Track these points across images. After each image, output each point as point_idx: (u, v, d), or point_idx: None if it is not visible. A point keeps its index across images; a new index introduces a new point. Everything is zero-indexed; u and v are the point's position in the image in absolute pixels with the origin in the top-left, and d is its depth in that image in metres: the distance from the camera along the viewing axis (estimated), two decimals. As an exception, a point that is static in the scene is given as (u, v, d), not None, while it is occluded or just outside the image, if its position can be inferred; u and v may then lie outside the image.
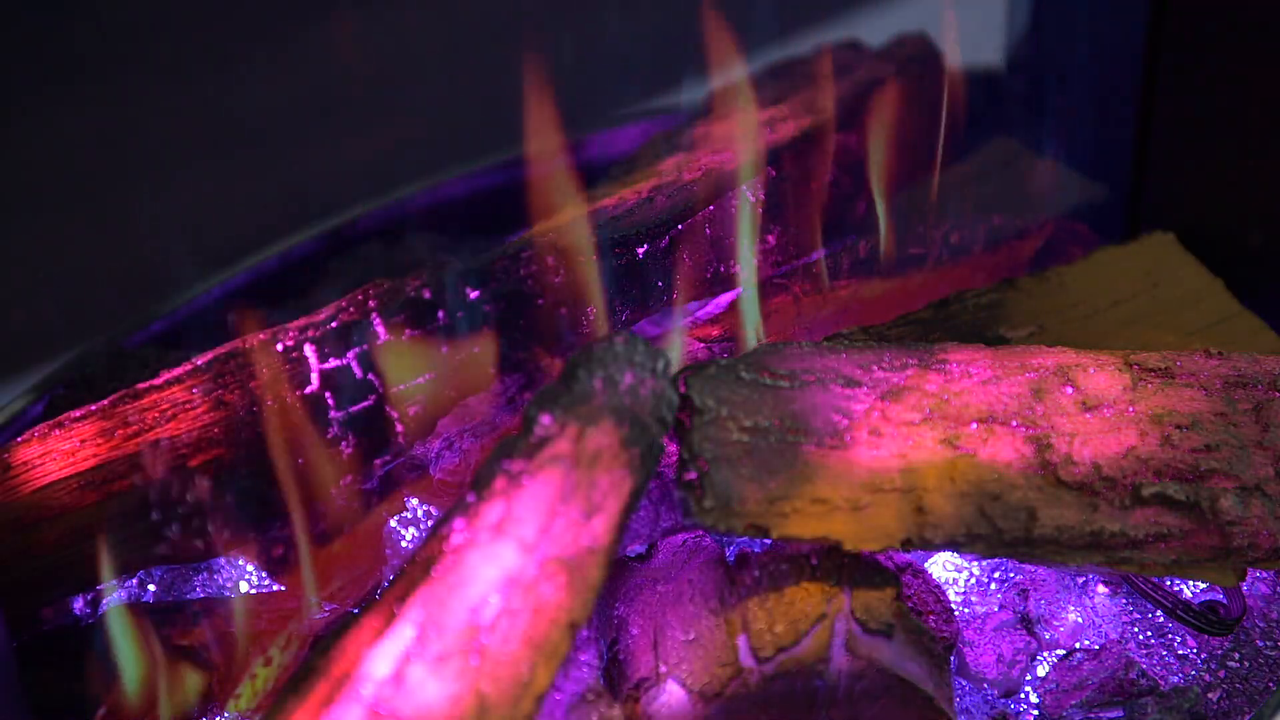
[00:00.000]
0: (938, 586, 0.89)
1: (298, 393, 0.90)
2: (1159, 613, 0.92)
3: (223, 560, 0.98)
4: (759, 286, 1.01)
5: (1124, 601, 0.93)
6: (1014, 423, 0.84)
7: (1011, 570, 0.93)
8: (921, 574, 0.88)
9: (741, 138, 1.04)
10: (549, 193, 0.94)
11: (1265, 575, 0.94)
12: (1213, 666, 0.91)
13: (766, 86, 1.13)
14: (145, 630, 0.87)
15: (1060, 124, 1.16)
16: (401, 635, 0.73)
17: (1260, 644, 0.91)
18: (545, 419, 0.77)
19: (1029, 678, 0.90)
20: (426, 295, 0.92)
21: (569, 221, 0.98)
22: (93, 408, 0.92)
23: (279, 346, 0.91)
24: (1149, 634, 0.92)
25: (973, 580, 0.93)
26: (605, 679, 0.84)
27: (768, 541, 0.85)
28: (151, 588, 0.98)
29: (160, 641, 0.87)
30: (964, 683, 0.90)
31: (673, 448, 0.82)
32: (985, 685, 0.90)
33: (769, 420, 0.81)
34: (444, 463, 0.95)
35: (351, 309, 0.93)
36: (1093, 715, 0.88)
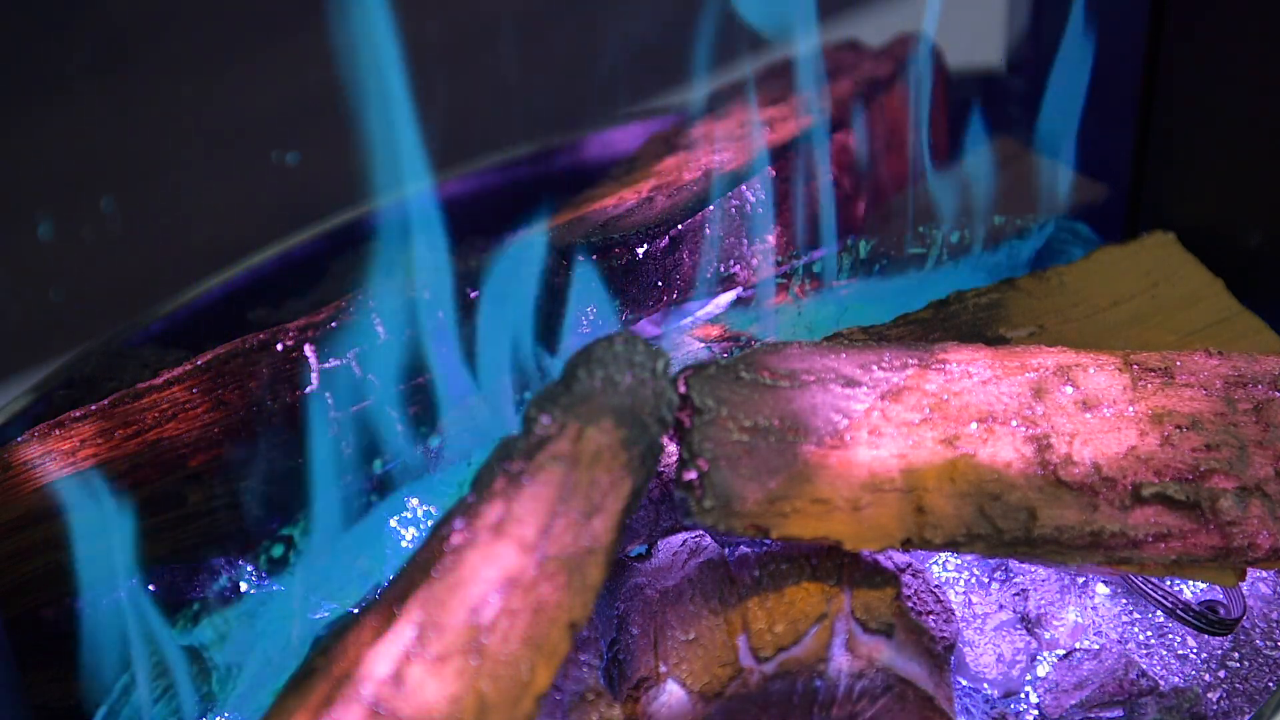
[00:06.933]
0: (938, 586, 0.89)
1: (298, 393, 0.90)
2: (1159, 613, 0.92)
3: (223, 560, 0.98)
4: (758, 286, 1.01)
5: (1124, 601, 0.93)
6: (1014, 423, 0.84)
7: (1011, 570, 0.93)
8: (921, 574, 0.88)
9: (741, 138, 1.04)
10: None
11: (1265, 575, 0.94)
12: (1213, 666, 0.91)
13: (766, 86, 1.13)
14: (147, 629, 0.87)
15: (1060, 124, 1.16)
16: (401, 635, 0.73)
17: (1260, 644, 0.91)
18: (545, 419, 0.77)
19: (1029, 678, 0.90)
20: (426, 296, 0.92)
21: (568, 222, 0.98)
22: (93, 408, 0.92)
23: (279, 346, 0.91)
24: (1149, 634, 0.92)
25: (973, 580, 0.93)
26: (605, 679, 0.84)
27: (768, 541, 0.85)
28: (151, 588, 0.98)
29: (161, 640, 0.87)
30: (964, 683, 0.90)
31: (673, 448, 0.82)
32: (985, 685, 0.90)
33: (769, 420, 0.81)
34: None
35: (351, 309, 0.93)
36: (1093, 715, 0.88)
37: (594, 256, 0.95)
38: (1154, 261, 1.01)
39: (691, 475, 0.79)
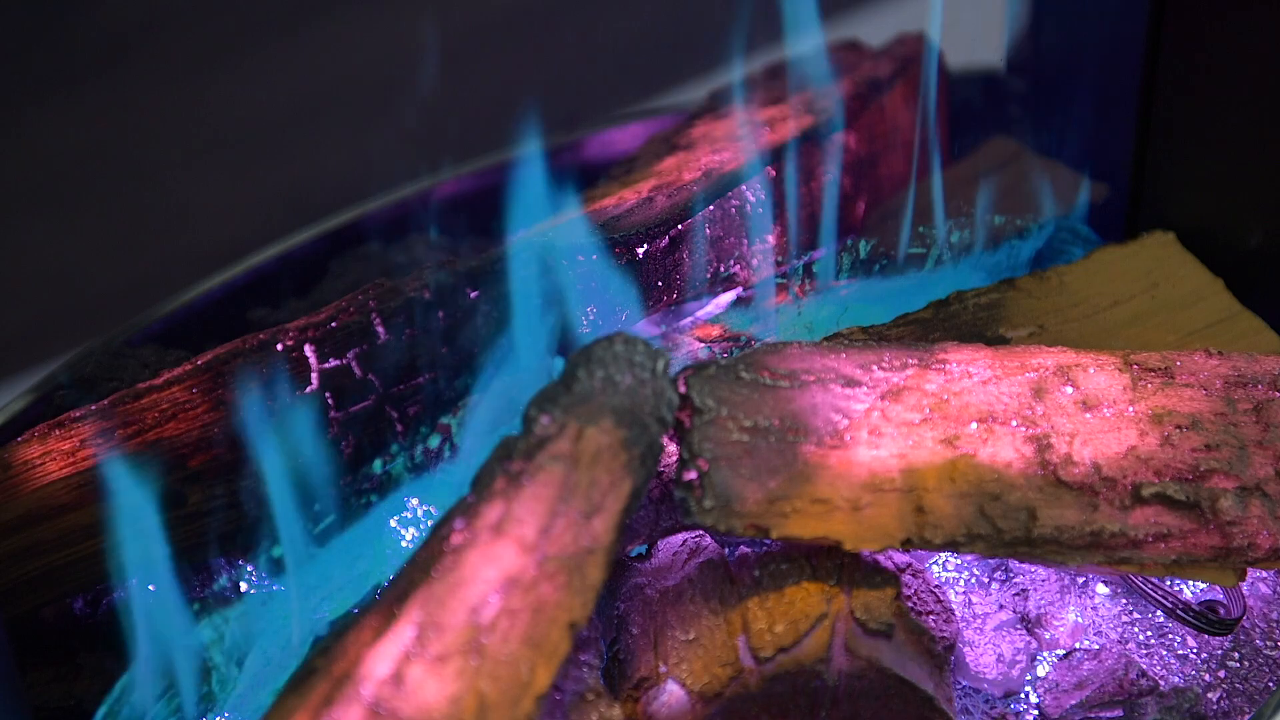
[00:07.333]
0: (938, 586, 0.89)
1: (297, 393, 0.90)
2: (1159, 613, 0.92)
3: (223, 560, 0.98)
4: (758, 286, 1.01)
5: (1124, 601, 0.93)
6: (1014, 423, 0.84)
7: (1011, 570, 0.93)
8: (921, 574, 0.88)
9: (741, 138, 1.04)
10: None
11: (1265, 575, 0.94)
12: (1213, 666, 0.91)
13: (766, 86, 1.13)
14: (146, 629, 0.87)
15: (1060, 124, 1.16)
16: (401, 635, 0.73)
17: (1260, 644, 0.91)
18: (545, 419, 0.77)
19: (1029, 678, 0.90)
20: (426, 295, 0.92)
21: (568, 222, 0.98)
22: (93, 408, 0.92)
23: (279, 346, 0.91)
24: (1149, 634, 0.92)
25: (973, 580, 0.93)
26: (605, 679, 0.84)
27: (768, 541, 0.85)
28: (151, 588, 0.98)
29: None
30: (964, 683, 0.90)
31: (673, 448, 0.82)
32: (985, 685, 0.90)
33: (769, 420, 0.81)
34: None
35: (351, 309, 0.93)
36: (1093, 715, 0.88)
37: (594, 256, 0.95)
38: (1154, 261, 1.01)
39: (691, 475, 0.79)
